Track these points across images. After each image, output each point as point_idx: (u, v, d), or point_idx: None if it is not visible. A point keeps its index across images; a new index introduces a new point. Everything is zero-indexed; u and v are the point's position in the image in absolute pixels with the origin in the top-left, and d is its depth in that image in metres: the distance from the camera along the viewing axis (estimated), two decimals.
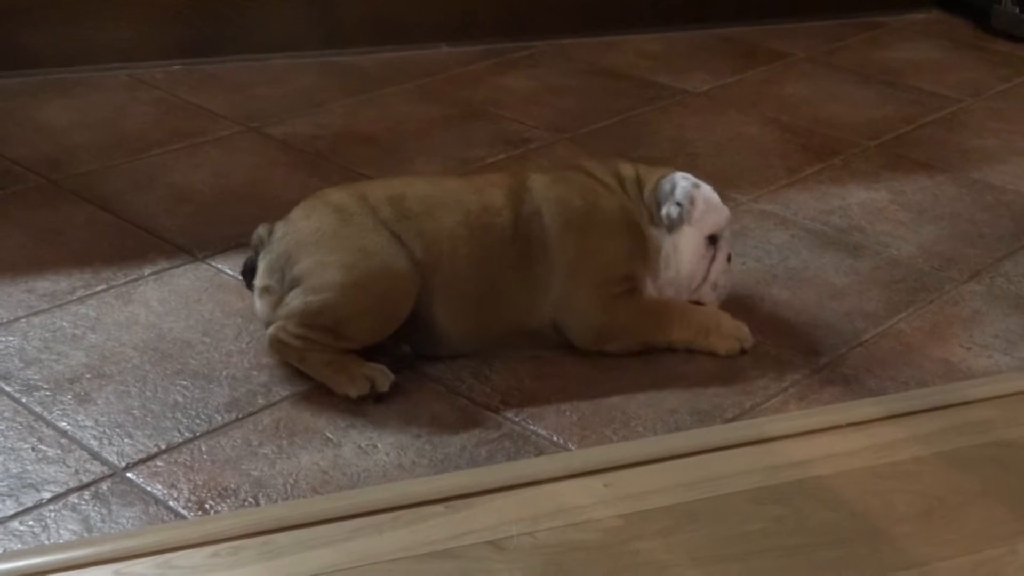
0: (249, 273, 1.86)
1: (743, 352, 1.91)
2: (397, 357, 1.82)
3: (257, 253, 1.84)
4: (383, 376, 1.77)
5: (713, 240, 1.94)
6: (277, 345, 1.79)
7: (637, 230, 1.90)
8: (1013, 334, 1.99)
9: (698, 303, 1.95)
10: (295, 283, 1.77)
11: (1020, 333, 1.99)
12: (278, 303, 1.79)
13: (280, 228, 1.83)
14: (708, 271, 1.94)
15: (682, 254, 1.92)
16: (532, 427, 1.74)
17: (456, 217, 1.83)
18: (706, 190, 1.93)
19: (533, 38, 3.28)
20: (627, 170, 1.96)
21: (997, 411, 1.78)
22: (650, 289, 1.92)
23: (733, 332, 1.91)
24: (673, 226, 1.90)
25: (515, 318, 1.85)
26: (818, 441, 1.70)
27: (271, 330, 1.79)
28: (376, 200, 1.83)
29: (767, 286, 2.10)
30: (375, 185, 1.91)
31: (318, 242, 1.78)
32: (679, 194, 1.90)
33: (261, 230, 1.85)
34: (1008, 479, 1.63)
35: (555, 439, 1.71)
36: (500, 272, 1.83)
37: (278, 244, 1.80)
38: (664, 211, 1.90)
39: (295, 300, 1.77)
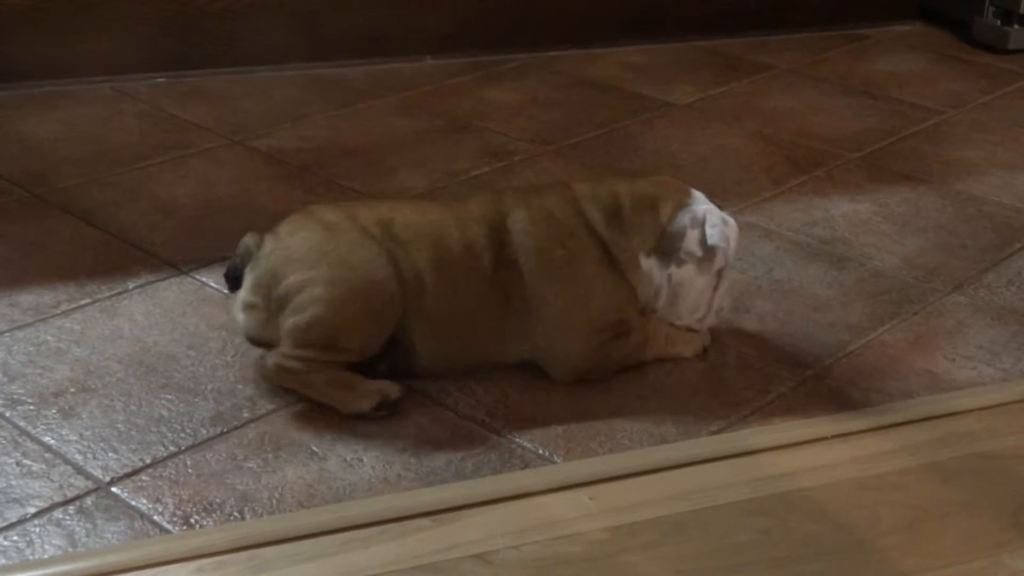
0: (232, 279, 1.83)
1: (705, 350, 1.93)
2: (374, 375, 1.81)
3: (243, 262, 1.82)
4: (392, 388, 1.76)
5: (720, 269, 1.90)
6: (280, 372, 1.77)
7: (623, 272, 1.84)
8: (997, 345, 2.00)
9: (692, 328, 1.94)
10: (281, 303, 1.76)
11: (1003, 344, 2.00)
12: (267, 320, 1.78)
13: (268, 243, 1.80)
14: (712, 299, 1.92)
15: (688, 288, 1.87)
16: (518, 440, 1.74)
17: (439, 253, 1.79)
18: (732, 224, 1.86)
19: (518, 51, 3.28)
20: (624, 196, 1.86)
21: (981, 422, 1.78)
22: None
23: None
24: (688, 262, 1.85)
25: (491, 354, 1.84)
26: (803, 453, 1.70)
27: (272, 360, 1.77)
28: (365, 220, 1.80)
29: (751, 298, 2.10)
30: (363, 207, 1.87)
31: (303, 258, 1.76)
32: (715, 236, 1.82)
33: (248, 240, 1.83)
34: (992, 490, 1.64)
35: (541, 452, 1.71)
36: (479, 314, 1.81)
37: (265, 260, 1.79)
38: (685, 248, 1.83)
39: (286, 323, 1.75)
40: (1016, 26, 3.40)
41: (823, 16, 3.58)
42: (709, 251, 1.84)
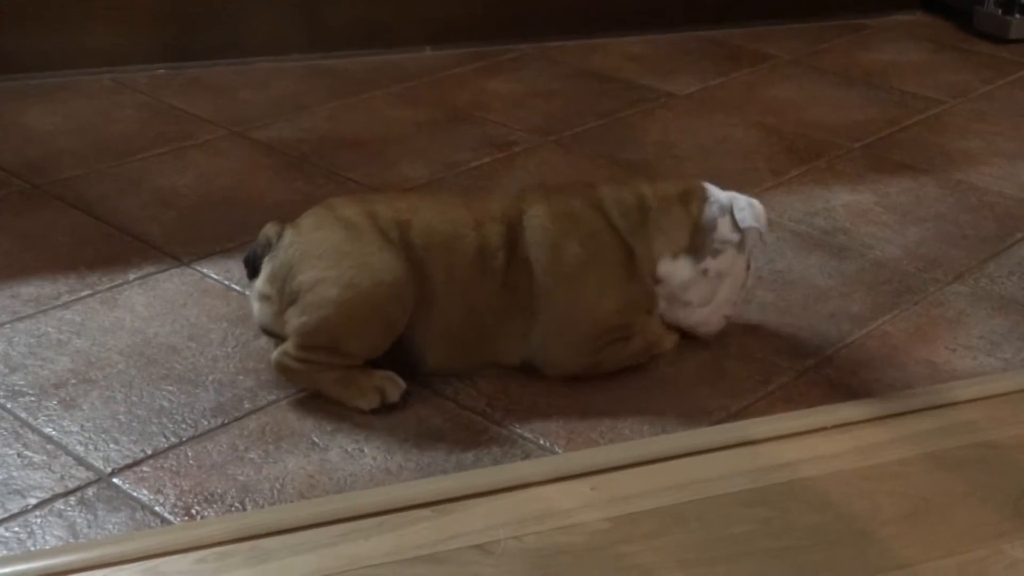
0: (251, 266, 1.81)
1: (683, 336, 1.92)
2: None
3: (262, 252, 1.79)
4: (393, 385, 1.76)
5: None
6: (283, 371, 1.78)
7: (641, 279, 1.84)
8: (997, 335, 2.00)
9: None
10: (292, 297, 1.74)
11: (1004, 334, 2.00)
12: (278, 312, 1.77)
13: (288, 235, 1.78)
14: (745, 282, 1.93)
15: (728, 276, 1.88)
16: (519, 431, 1.74)
17: (453, 258, 1.77)
18: (758, 204, 1.88)
19: (518, 41, 3.28)
20: (650, 197, 1.86)
21: (982, 412, 1.78)
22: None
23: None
24: (724, 251, 1.86)
25: (492, 355, 1.83)
26: (804, 443, 1.70)
27: (274, 356, 1.78)
28: (385, 221, 1.78)
29: (752, 288, 2.10)
30: (383, 203, 1.83)
31: (322, 255, 1.74)
32: (748, 218, 1.84)
33: (269, 230, 1.81)
34: (993, 480, 1.64)
35: (542, 442, 1.71)
36: (486, 316, 1.80)
37: (283, 252, 1.77)
38: (719, 236, 1.84)
39: (293, 320, 1.75)
40: (1017, 15, 3.39)
41: (824, 6, 3.58)
42: (743, 234, 1.86)
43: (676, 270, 1.86)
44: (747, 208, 1.86)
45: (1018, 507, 1.59)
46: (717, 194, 1.89)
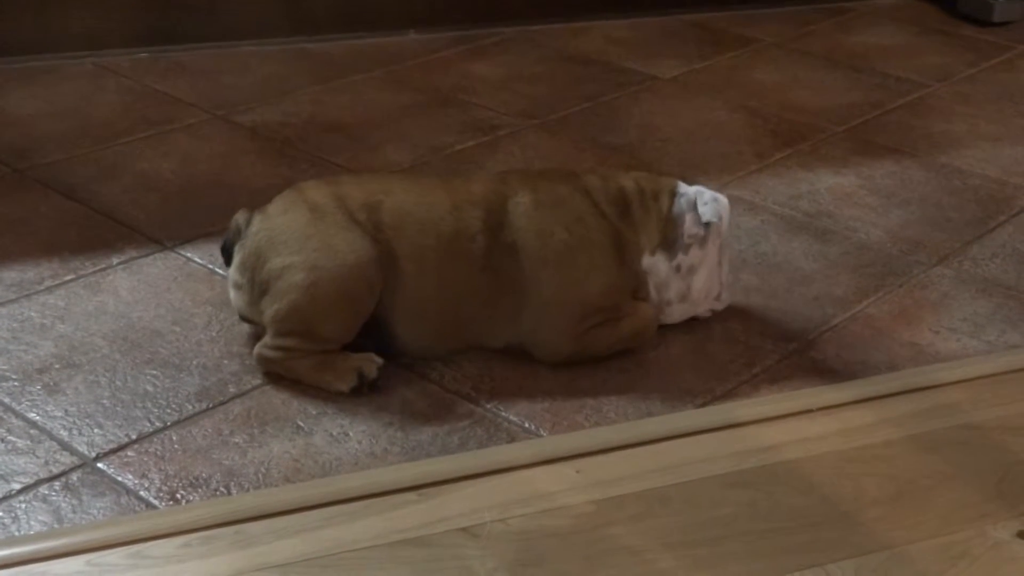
0: (226, 254, 1.83)
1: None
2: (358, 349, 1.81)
3: (234, 240, 1.81)
4: (369, 363, 1.76)
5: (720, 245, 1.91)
6: (262, 362, 1.78)
7: (630, 263, 1.85)
8: (980, 317, 2.00)
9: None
10: (264, 287, 1.75)
11: (987, 316, 2.01)
12: (250, 301, 1.78)
13: (256, 222, 1.79)
14: (721, 275, 1.93)
15: (699, 271, 1.88)
16: (504, 414, 1.74)
17: (427, 240, 1.78)
18: (723, 199, 1.89)
19: (501, 24, 3.27)
20: (630, 192, 1.87)
21: (965, 394, 1.79)
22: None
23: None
24: (693, 245, 1.86)
25: (477, 339, 1.84)
26: (788, 426, 1.71)
27: (255, 349, 1.78)
28: (353, 204, 1.78)
29: (737, 271, 2.10)
30: (354, 186, 1.83)
31: (287, 241, 1.75)
32: (708, 213, 1.85)
33: (240, 217, 1.82)
34: (976, 461, 1.65)
35: (527, 425, 1.72)
36: (465, 300, 1.80)
37: (252, 239, 1.78)
38: (687, 231, 1.85)
39: (267, 310, 1.76)
40: None
41: None
42: (706, 229, 1.86)
43: (655, 266, 1.87)
44: (710, 202, 1.86)
45: (1000, 488, 1.59)
46: (685, 188, 1.89)
